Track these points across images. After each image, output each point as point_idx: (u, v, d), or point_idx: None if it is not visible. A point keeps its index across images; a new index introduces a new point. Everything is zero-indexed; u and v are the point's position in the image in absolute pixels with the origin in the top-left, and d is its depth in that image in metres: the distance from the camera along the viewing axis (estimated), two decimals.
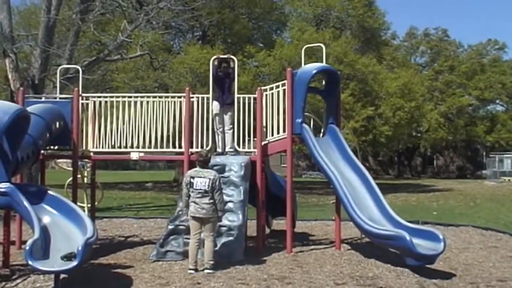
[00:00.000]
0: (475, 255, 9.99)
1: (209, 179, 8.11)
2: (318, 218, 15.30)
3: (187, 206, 8.24)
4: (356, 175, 9.81)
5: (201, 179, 8.12)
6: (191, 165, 9.93)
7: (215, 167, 9.26)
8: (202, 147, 10.18)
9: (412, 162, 61.83)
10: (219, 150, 10.38)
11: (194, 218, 8.17)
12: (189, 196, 8.19)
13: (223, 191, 8.89)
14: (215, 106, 10.33)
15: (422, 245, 8.25)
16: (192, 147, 10.33)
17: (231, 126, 10.28)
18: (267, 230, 11.97)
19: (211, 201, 8.11)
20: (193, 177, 8.19)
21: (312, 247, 10.59)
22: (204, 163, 8.35)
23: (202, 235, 8.21)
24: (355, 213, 9.01)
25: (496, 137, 51.01)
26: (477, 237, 12.08)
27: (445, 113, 48.58)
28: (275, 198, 11.14)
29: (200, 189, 8.09)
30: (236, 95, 10.34)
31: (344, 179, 9.55)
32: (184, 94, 10.45)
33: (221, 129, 10.30)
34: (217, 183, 8.14)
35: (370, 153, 58.23)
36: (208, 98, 10.42)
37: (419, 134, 48.80)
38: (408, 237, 8.08)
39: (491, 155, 50.06)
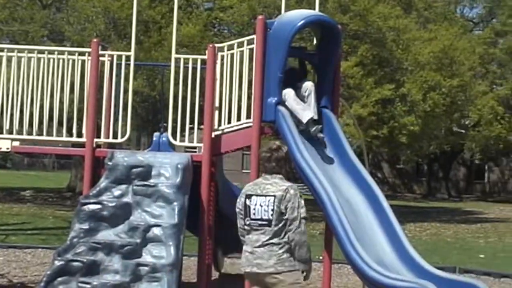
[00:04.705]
0: None
1: (274, 196, 6.68)
2: None
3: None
4: (360, 192, 9.84)
5: (262, 198, 6.72)
6: (97, 164, 9.88)
7: (134, 170, 9.25)
8: (115, 135, 10.14)
9: (450, 175, 62.55)
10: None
11: (247, 275, 6.90)
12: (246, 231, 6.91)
13: (149, 208, 8.87)
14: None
15: None
16: (99, 136, 10.31)
17: None
18: (216, 274, 11.98)
19: (280, 243, 6.68)
20: (249, 196, 6.81)
21: None
22: (277, 163, 6.85)
23: None
24: (355, 252, 9.03)
25: None
26: None
27: (505, 99, 49.09)
28: (229, 222, 11.15)
29: (261, 220, 6.69)
30: (173, 55, 10.33)
31: (341, 197, 9.57)
32: (89, 50, 10.39)
33: None
34: (290, 204, 6.64)
35: (385, 157, 58.67)
36: (128, 57, 10.40)
37: (463, 131, 49.25)
38: None
39: None
